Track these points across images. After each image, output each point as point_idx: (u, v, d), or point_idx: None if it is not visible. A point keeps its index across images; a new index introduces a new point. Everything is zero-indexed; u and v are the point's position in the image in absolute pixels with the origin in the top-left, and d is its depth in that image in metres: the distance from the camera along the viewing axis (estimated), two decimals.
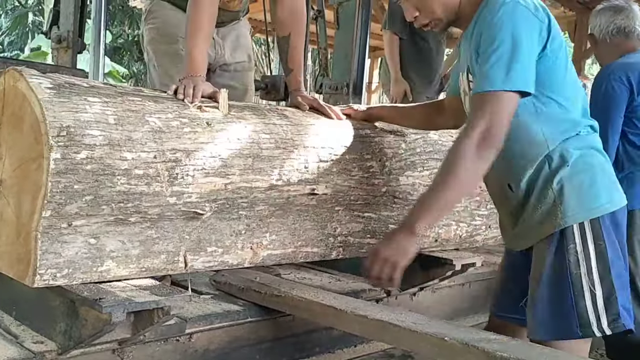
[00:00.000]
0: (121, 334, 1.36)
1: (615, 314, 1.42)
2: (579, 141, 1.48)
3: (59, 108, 1.27)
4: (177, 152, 1.42)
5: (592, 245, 1.42)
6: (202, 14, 1.79)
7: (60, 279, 1.31)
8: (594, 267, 1.42)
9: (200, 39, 1.78)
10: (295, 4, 2.09)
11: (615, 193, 1.51)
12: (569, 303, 1.42)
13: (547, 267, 1.47)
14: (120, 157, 1.33)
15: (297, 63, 2.09)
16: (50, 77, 1.36)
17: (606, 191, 1.47)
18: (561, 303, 1.44)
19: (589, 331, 1.43)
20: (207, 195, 1.48)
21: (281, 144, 1.64)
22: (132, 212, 1.38)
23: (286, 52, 2.09)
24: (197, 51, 1.76)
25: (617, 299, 1.42)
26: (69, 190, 1.26)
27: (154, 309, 1.32)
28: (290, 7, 2.08)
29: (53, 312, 1.41)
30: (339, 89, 3.19)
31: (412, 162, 1.98)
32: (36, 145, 1.26)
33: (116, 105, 1.37)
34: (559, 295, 1.44)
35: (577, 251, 1.43)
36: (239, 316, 1.72)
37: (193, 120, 1.49)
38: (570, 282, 1.42)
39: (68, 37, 2.57)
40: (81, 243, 1.33)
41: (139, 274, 1.44)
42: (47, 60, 9.96)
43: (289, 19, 2.08)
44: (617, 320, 1.42)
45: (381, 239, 1.46)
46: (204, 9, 1.80)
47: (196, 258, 1.54)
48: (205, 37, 1.81)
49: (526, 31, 1.38)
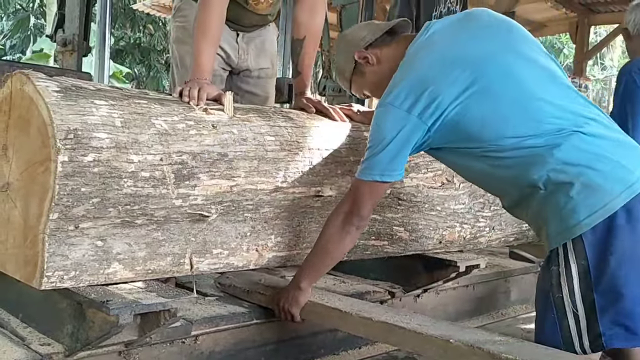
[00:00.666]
0: (128, 335, 1.37)
1: (596, 334, 1.39)
2: (547, 160, 1.41)
3: (66, 111, 1.28)
4: (183, 155, 1.43)
5: (574, 265, 1.39)
6: (210, 17, 1.79)
7: (68, 281, 1.31)
8: (576, 287, 1.39)
9: (208, 42, 1.78)
10: (315, 5, 2.09)
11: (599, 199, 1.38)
12: (553, 324, 1.43)
13: (536, 288, 1.52)
14: (127, 159, 1.33)
15: (306, 67, 2.10)
16: (57, 80, 1.36)
17: (585, 205, 1.37)
18: (547, 324, 1.45)
19: (572, 350, 1.41)
20: (212, 197, 1.49)
21: (286, 146, 1.65)
22: (138, 214, 1.38)
23: (298, 55, 2.10)
24: (204, 54, 1.77)
25: (599, 318, 1.38)
26: (76, 192, 1.26)
27: (161, 311, 1.32)
28: (310, 8, 2.08)
29: (60, 314, 1.41)
30: (342, 91, 3.19)
31: (415, 164, 1.98)
32: (43, 148, 1.27)
33: (123, 108, 1.38)
34: (545, 316, 1.46)
35: (558, 273, 1.42)
36: (244, 318, 1.73)
37: (199, 122, 1.49)
38: (553, 304, 1.43)
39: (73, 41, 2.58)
40: (88, 245, 1.33)
41: (145, 276, 1.45)
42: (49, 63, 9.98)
43: (306, 22, 2.08)
44: (598, 339, 1.39)
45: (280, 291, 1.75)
46: (212, 11, 1.80)
47: (202, 260, 1.54)
48: (213, 40, 1.81)
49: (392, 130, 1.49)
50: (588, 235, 1.37)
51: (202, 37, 1.78)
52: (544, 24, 7.27)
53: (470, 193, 2.16)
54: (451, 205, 2.10)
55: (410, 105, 1.47)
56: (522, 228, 2.46)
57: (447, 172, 2.07)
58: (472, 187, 2.17)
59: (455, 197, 2.11)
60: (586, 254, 1.38)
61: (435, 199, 2.05)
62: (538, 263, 2.74)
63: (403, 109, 1.47)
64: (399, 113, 1.48)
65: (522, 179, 1.46)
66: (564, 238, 1.40)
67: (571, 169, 1.40)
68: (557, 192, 1.40)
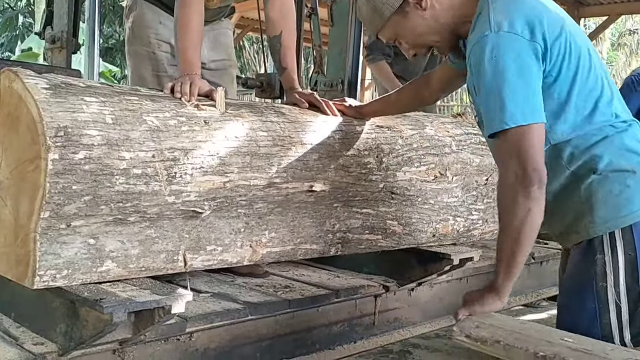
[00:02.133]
0: (122, 334, 1.36)
1: (638, 328, 1.37)
2: (608, 144, 1.40)
3: (56, 108, 1.26)
4: (176, 151, 1.42)
5: (622, 256, 1.36)
6: (190, 13, 1.80)
7: (60, 280, 1.30)
8: (622, 278, 1.36)
9: (191, 38, 1.79)
10: (285, 3, 2.10)
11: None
12: (592, 315, 1.38)
13: (572, 277, 1.44)
14: (118, 156, 1.32)
15: (290, 61, 2.09)
16: (47, 77, 1.35)
17: (633, 199, 1.38)
18: (585, 315, 1.40)
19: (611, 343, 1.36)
20: (205, 193, 1.48)
21: (279, 141, 1.64)
22: (131, 211, 1.37)
23: (279, 52, 2.09)
24: (190, 50, 1.77)
25: None
26: (67, 190, 1.25)
27: (155, 308, 1.31)
28: (281, 6, 2.09)
29: (53, 314, 1.40)
30: (334, 86, 3.19)
31: (409, 158, 1.98)
32: (33, 146, 1.25)
33: (113, 105, 1.37)
34: (583, 307, 1.40)
35: (604, 262, 1.37)
36: (239, 314, 1.72)
37: (190, 118, 1.49)
38: (596, 294, 1.38)
39: (62, 38, 2.55)
40: (80, 243, 1.32)
41: (139, 273, 1.44)
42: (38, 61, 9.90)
43: (279, 18, 2.09)
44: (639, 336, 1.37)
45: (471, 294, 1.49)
46: (191, 7, 1.80)
47: (195, 257, 1.53)
48: (196, 35, 1.81)
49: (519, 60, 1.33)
50: (638, 226, 1.36)
51: (184, 34, 1.78)
52: None
53: (463, 186, 2.16)
54: (444, 198, 2.11)
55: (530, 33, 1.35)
56: None
57: (439, 166, 2.08)
58: (465, 180, 2.17)
59: (448, 191, 2.12)
60: (635, 245, 1.35)
61: (428, 193, 2.05)
62: (531, 255, 2.76)
63: (525, 37, 1.34)
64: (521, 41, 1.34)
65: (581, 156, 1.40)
66: (613, 226, 1.37)
67: (633, 157, 1.40)
68: (614, 179, 1.37)
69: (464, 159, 2.17)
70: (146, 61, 2.26)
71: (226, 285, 1.94)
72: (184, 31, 1.79)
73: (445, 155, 2.11)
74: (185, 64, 1.74)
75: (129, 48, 2.33)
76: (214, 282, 1.96)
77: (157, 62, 2.25)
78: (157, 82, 2.17)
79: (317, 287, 1.98)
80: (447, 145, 2.13)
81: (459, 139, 2.19)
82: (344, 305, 2.01)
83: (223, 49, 2.40)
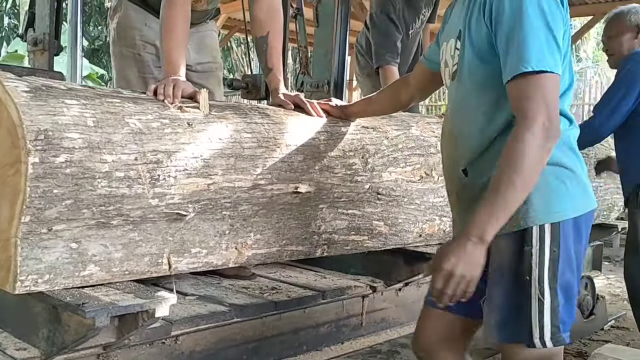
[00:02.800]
0: (105, 338, 1.35)
1: (556, 326, 1.32)
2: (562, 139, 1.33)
3: (36, 111, 1.25)
4: (159, 154, 1.41)
5: (548, 251, 1.32)
6: (175, 14, 1.79)
7: (42, 285, 1.29)
8: (546, 274, 1.32)
9: (176, 40, 1.78)
10: (272, 3, 2.09)
11: (581, 198, 1.39)
12: (516, 308, 1.33)
13: (501, 268, 1.37)
14: (100, 159, 1.31)
15: (276, 62, 2.08)
16: (27, 80, 1.34)
17: (572, 195, 1.36)
18: (512, 306, 1.35)
19: (530, 341, 1.32)
20: (189, 196, 1.47)
21: (263, 142, 1.63)
22: (113, 215, 1.36)
23: (265, 52, 2.08)
24: (174, 51, 1.76)
25: (560, 311, 1.32)
26: (48, 194, 1.24)
27: (139, 312, 1.30)
28: (268, 6, 2.08)
29: (35, 319, 1.39)
30: (320, 87, 3.18)
31: (394, 159, 1.99)
32: (13, 150, 1.24)
33: (95, 107, 1.35)
34: (510, 298, 1.35)
35: (531, 254, 1.32)
36: (225, 317, 1.71)
37: (174, 121, 1.48)
38: (521, 287, 1.33)
39: (44, 40, 2.53)
40: (62, 248, 1.31)
41: (123, 277, 1.43)
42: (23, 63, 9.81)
43: (266, 19, 2.08)
44: (558, 333, 1.32)
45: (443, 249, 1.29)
46: (176, 8, 1.80)
47: (180, 260, 1.53)
48: (181, 37, 1.80)
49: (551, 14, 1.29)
50: (566, 225, 1.34)
51: (169, 36, 1.78)
52: None
53: None
54: (430, 198, 2.11)
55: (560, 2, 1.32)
56: None
57: (425, 166, 2.08)
58: None
59: (434, 191, 2.12)
60: (559, 243, 1.33)
61: (414, 193, 2.06)
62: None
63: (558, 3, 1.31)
64: None
65: None
66: (545, 219, 1.33)
67: (573, 157, 1.39)
68: (554, 172, 1.34)
69: None
70: (131, 63, 2.25)
71: (212, 288, 1.93)
72: (170, 32, 1.79)
73: (430, 155, 2.11)
74: (169, 66, 1.73)
75: (114, 49, 2.32)
76: (200, 285, 1.95)
77: (143, 64, 2.24)
78: (142, 84, 2.16)
79: (304, 289, 1.98)
80: (433, 145, 2.13)
81: None
82: (331, 306, 2.02)
83: (209, 51, 2.40)
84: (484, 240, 1.24)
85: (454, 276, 1.24)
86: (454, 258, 1.24)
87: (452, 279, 1.24)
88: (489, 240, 1.25)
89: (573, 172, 1.38)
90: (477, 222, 1.25)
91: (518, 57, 1.26)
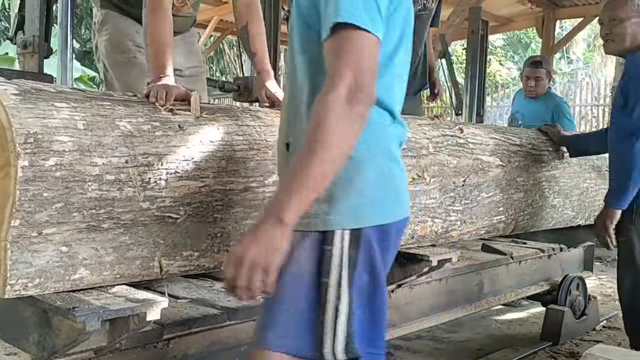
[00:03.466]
0: (97, 342, 1.34)
1: (351, 336, 1.19)
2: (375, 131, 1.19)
3: (26, 114, 1.24)
4: (150, 156, 1.40)
5: (347, 255, 1.18)
6: (158, 19, 1.82)
7: (32, 289, 1.28)
8: (344, 278, 1.18)
9: (162, 44, 1.80)
10: None
11: (393, 205, 1.26)
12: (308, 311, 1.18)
13: (294, 265, 1.17)
14: (90, 162, 1.30)
15: (260, 47, 2.13)
16: (16, 83, 1.33)
17: (379, 201, 1.22)
18: (301, 310, 1.19)
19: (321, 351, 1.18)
20: (181, 199, 1.47)
21: (255, 145, 1.63)
22: (104, 218, 1.35)
23: (247, 41, 2.15)
24: (160, 55, 1.78)
25: (355, 319, 1.19)
26: (38, 198, 1.23)
27: (130, 315, 1.30)
28: (245, 0, 2.15)
29: (25, 323, 1.38)
30: None
31: None
32: (3, 153, 1.23)
33: (85, 110, 1.35)
34: (300, 301, 1.19)
35: (332, 255, 1.17)
36: (217, 320, 1.70)
37: (165, 123, 1.47)
38: (316, 289, 1.18)
39: (34, 42, 2.52)
40: (52, 252, 1.30)
41: (114, 281, 1.42)
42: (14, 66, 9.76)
43: (243, 9, 2.16)
44: (352, 343, 1.19)
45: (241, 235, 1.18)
46: (160, 14, 1.82)
47: (172, 263, 1.52)
48: (166, 41, 1.82)
49: None
50: (369, 231, 1.21)
51: (155, 40, 1.80)
52: (511, 19, 7.38)
53: (440, 188, 2.18)
54: (422, 200, 2.12)
55: None
56: (493, 221, 2.49)
57: (417, 168, 2.09)
58: (442, 181, 2.18)
59: (426, 192, 2.12)
60: (359, 249, 1.19)
61: None
62: (510, 255, 2.78)
63: None
64: None
65: None
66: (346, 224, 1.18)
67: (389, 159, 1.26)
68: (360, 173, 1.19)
69: (442, 160, 2.19)
70: (129, 68, 2.27)
71: (205, 291, 1.92)
72: (154, 37, 1.82)
73: (422, 157, 2.12)
74: (157, 69, 1.75)
75: (108, 60, 2.34)
76: (192, 288, 1.94)
77: (140, 66, 2.25)
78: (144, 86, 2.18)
79: None
80: (425, 147, 2.14)
81: (436, 140, 2.20)
82: None
83: (195, 57, 2.50)
84: (283, 221, 1.05)
85: (244, 262, 1.06)
86: (247, 241, 1.07)
87: (242, 265, 1.06)
88: (290, 222, 1.06)
89: (387, 176, 1.24)
90: (275, 201, 1.09)
91: (333, 11, 1.12)
